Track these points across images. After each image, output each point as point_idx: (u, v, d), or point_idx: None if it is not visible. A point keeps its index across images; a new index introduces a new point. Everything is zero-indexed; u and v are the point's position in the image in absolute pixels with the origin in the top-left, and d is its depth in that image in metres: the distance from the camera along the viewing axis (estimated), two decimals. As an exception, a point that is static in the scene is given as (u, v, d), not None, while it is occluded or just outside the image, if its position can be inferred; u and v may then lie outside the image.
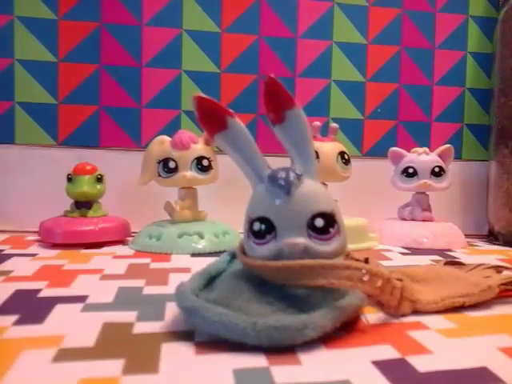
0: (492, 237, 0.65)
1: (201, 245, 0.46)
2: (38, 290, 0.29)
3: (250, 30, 0.62)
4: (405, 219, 0.56)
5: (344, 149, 0.51)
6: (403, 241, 0.52)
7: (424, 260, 0.43)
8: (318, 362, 0.19)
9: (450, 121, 0.68)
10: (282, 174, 0.22)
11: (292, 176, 0.22)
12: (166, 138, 0.49)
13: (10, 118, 0.58)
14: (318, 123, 0.51)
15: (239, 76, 0.62)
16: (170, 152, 0.48)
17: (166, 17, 0.60)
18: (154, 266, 0.38)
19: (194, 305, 0.21)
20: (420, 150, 0.55)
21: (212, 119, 0.24)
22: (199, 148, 0.48)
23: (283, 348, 0.19)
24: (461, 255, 0.47)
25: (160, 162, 0.48)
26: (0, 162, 0.57)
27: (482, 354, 0.20)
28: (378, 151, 0.65)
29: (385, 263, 0.41)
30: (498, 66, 0.62)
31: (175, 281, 0.31)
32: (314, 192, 0.23)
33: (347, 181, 0.52)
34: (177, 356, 0.19)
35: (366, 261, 0.25)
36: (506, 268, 0.33)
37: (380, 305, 0.25)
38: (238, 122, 0.24)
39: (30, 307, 0.26)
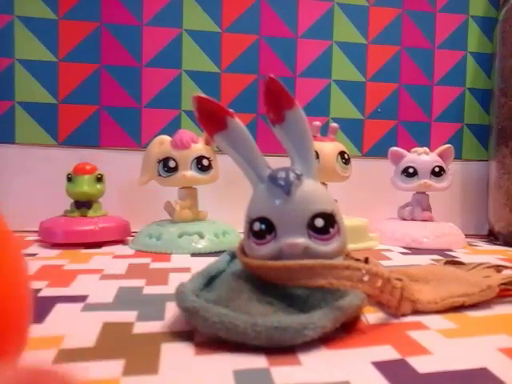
0: (492, 237, 0.65)
1: (201, 245, 0.46)
2: (38, 290, 0.29)
3: (250, 30, 0.62)
4: (405, 219, 0.56)
5: (344, 149, 0.51)
6: (403, 241, 0.52)
7: (424, 260, 0.43)
8: (318, 363, 0.19)
9: (450, 121, 0.68)
10: (282, 174, 0.22)
11: (292, 176, 0.22)
12: (166, 138, 0.49)
13: (10, 118, 0.58)
14: (318, 123, 0.51)
15: (239, 76, 0.62)
16: (170, 151, 0.48)
17: (166, 17, 0.60)
18: (154, 265, 0.38)
19: (194, 305, 0.21)
20: (420, 149, 0.55)
21: (212, 119, 0.24)
22: (199, 148, 0.48)
23: (283, 348, 0.19)
24: (461, 255, 0.47)
25: (160, 161, 0.48)
26: (0, 162, 0.57)
27: (482, 355, 0.20)
28: (378, 151, 0.65)
29: (385, 263, 0.41)
30: (498, 66, 0.62)
31: (175, 281, 0.31)
32: (314, 192, 0.23)
33: (347, 181, 0.52)
34: (177, 356, 0.19)
35: (366, 261, 0.25)
36: (506, 267, 0.33)
37: (380, 305, 0.25)
38: (238, 122, 0.24)
39: (29, 307, 0.26)
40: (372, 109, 0.66)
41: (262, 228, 0.23)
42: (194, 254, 0.44)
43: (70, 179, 0.49)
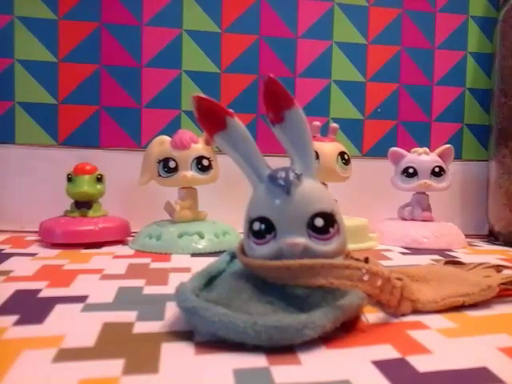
0: (492, 237, 0.65)
1: (201, 245, 0.46)
2: (38, 290, 0.29)
3: (250, 30, 0.62)
4: (405, 219, 0.56)
5: (344, 149, 0.51)
6: (403, 241, 0.52)
7: (424, 260, 0.43)
8: (318, 362, 0.19)
9: (450, 121, 0.68)
10: (282, 174, 0.22)
11: (292, 176, 0.22)
12: (166, 138, 0.49)
13: (10, 118, 0.58)
14: (317, 123, 0.51)
15: (239, 76, 0.62)
16: (170, 152, 0.48)
17: (166, 17, 0.60)
18: (154, 265, 0.38)
19: (194, 305, 0.21)
20: (420, 150, 0.55)
21: (211, 119, 0.24)
22: (199, 148, 0.48)
23: (283, 348, 0.19)
24: (461, 255, 0.47)
25: (160, 161, 0.48)
26: (0, 161, 0.57)
27: (482, 354, 0.20)
28: (378, 151, 0.65)
29: (385, 263, 0.41)
30: (498, 66, 0.62)
31: (175, 281, 0.31)
32: (313, 192, 0.23)
33: (347, 181, 0.52)
34: (177, 356, 0.19)
35: (366, 260, 0.25)
36: (506, 267, 0.33)
37: (380, 304, 0.25)
38: (238, 122, 0.24)
39: (30, 307, 0.26)
40: (372, 109, 0.66)
41: (261, 228, 0.23)
42: (194, 254, 0.44)
43: (70, 179, 0.49)
